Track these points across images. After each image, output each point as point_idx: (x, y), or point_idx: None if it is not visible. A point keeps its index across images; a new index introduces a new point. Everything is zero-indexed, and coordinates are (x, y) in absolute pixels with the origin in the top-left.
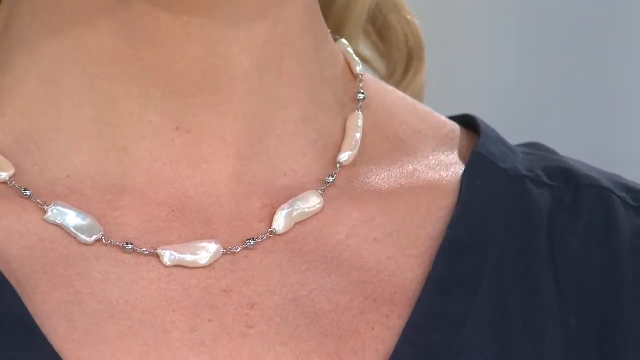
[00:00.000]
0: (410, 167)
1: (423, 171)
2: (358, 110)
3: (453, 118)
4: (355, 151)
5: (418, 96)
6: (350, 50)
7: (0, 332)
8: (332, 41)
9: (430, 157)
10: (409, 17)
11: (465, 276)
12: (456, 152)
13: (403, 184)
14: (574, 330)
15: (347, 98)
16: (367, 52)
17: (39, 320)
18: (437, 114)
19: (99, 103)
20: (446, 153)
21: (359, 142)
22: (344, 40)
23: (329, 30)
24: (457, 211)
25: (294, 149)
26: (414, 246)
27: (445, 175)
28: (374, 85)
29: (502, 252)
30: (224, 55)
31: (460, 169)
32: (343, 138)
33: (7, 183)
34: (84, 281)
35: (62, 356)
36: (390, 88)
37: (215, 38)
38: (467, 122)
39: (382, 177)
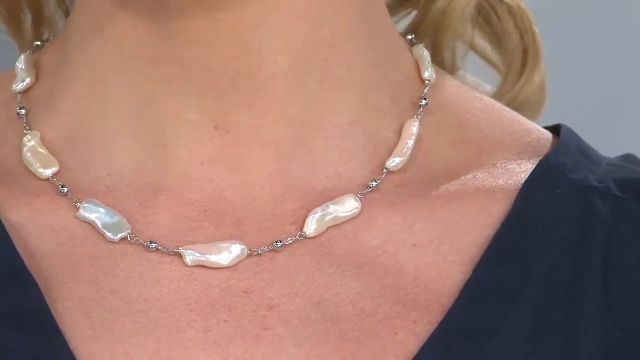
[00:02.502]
0: (470, 174)
1: (481, 178)
2: (417, 117)
3: (549, 127)
4: (405, 157)
5: (540, 93)
6: (425, 54)
7: (20, 328)
8: (400, 45)
9: (498, 165)
10: (526, 21)
11: (506, 285)
12: (533, 161)
13: (452, 190)
14: (618, 343)
15: (408, 103)
16: (483, 46)
17: (60, 316)
18: (526, 122)
19: (140, 101)
20: (519, 162)
21: (411, 148)
22: (421, 46)
23: (411, 35)
24: (506, 219)
25: (340, 151)
26: (457, 253)
27: (503, 183)
28: (452, 90)
29: (552, 262)
30: (257, 55)
31: (525, 177)
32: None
33: (50, 180)
34: (107, 278)
35: (77, 352)
36: (474, 95)
37: (247, 37)
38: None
39: (431, 184)
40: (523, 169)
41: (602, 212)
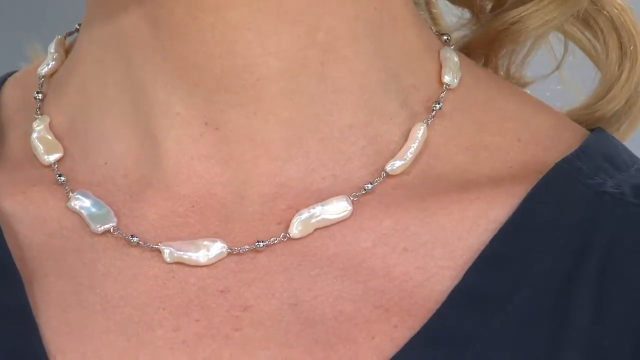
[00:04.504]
0: (477, 179)
1: (487, 183)
2: (426, 121)
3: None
4: (407, 161)
5: (630, 111)
6: (450, 57)
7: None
8: (421, 49)
9: (513, 170)
10: (630, 40)
11: (494, 293)
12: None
13: (453, 194)
14: (607, 351)
15: (422, 108)
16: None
17: (38, 310)
18: (567, 126)
19: (133, 89)
20: (540, 166)
21: (414, 152)
22: (449, 49)
23: (447, 36)
24: (505, 225)
25: (337, 154)
26: (450, 258)
27: (510, 187)
28: (478, 94)
29: (545, 270)
30: (245, 56)
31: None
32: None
33: (51, 167)
34: (88, 272)
35: (48, 347)
36: (509, 99)
37: (230, 38)
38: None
39: (433, 188)
40: (539, 174)
41: (607, 219)
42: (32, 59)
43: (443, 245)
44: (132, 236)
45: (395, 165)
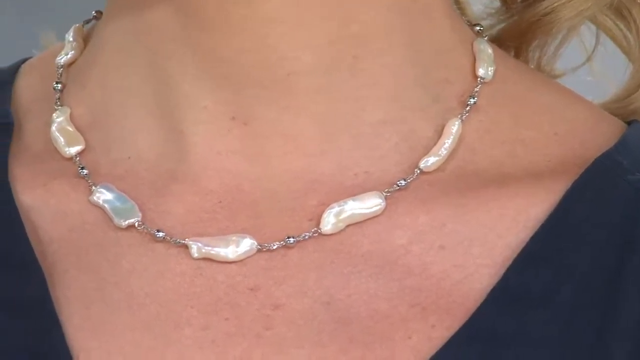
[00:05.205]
0: (515, 174)
1: (527, 178)
2: (460, 116)
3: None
4: (442, 158)
5: None
6: (487, 49)
7: (21, 317)
8: (454, 41)
9: (551, 164)
10: None
11: (535, 292)
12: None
13: (492, 190)
14: None
15: (456, 102)
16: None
17: (59, 306)
18: (603, 118)
19: (158, 82)
20: (578, 160)
21: (449, 148)
22: (483, 40)
23: (480, 27)
24: (546, 222)
25: (369, 150)
26: (489, 256)
27: (551, 183)
28: (513, 87)
29: (588, 268)
30: (277, 50)
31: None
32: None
33: (73, 160)
34: (112, 268)
35: (71, 344)
36: (545, 91)
37: (262, 32)
38: None
39: (470, 183)
40: (579, 169)
41: None
42: (45, 46)
43: (482, 243)
44: (158, 231)
45: (430, 161)
